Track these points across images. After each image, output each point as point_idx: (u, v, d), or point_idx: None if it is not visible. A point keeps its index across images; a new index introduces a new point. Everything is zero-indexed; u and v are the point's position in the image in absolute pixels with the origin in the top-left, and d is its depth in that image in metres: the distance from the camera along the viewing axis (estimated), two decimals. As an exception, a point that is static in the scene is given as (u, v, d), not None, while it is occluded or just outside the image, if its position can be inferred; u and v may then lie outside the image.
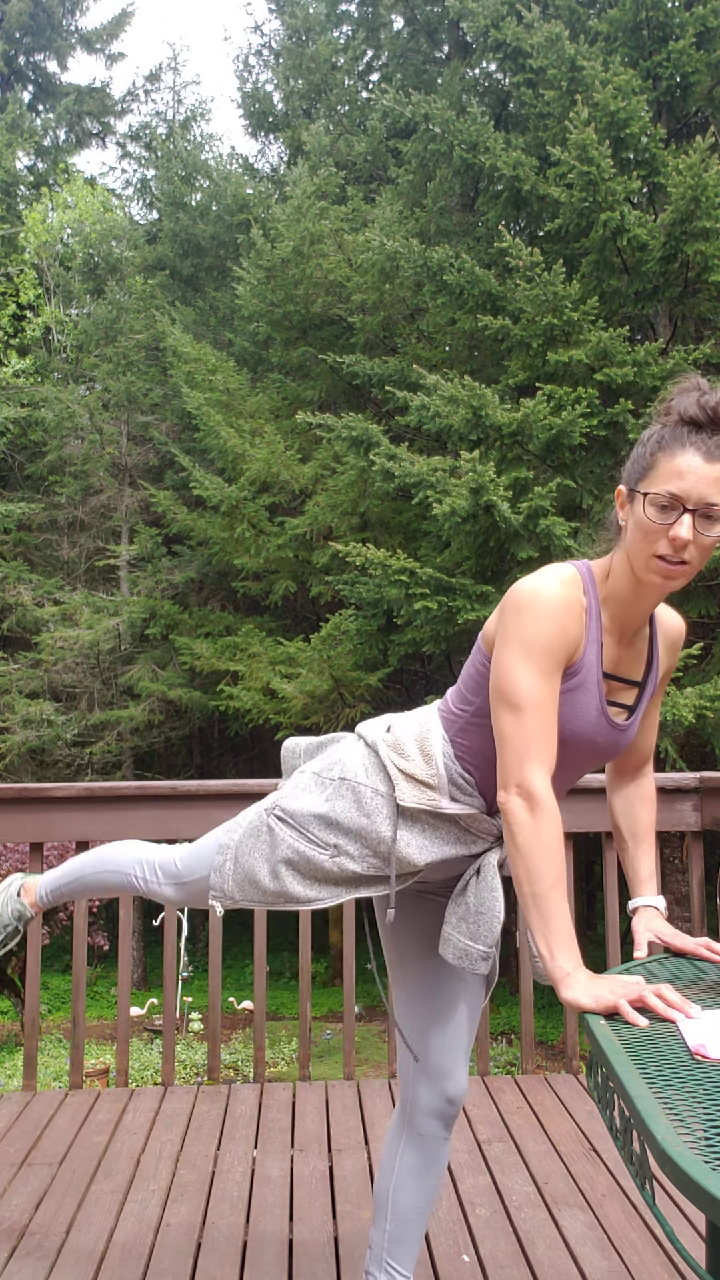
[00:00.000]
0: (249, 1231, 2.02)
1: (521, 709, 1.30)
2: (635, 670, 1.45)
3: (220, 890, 1.55)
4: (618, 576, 1.38)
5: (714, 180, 7.28)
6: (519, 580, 1.38)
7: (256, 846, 1.53)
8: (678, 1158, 0.80)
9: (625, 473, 1.35)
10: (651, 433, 1.32)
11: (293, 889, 1.50)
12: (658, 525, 1.27)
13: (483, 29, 9.07)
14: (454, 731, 1.49)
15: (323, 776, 1.55)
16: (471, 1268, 1.86)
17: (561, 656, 1.32)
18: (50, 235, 14.18)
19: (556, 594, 1.33)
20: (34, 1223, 2.06)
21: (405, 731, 1.54)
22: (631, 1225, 2.01)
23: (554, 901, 1.23)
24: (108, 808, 2.84)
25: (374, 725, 1.60)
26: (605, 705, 1.40)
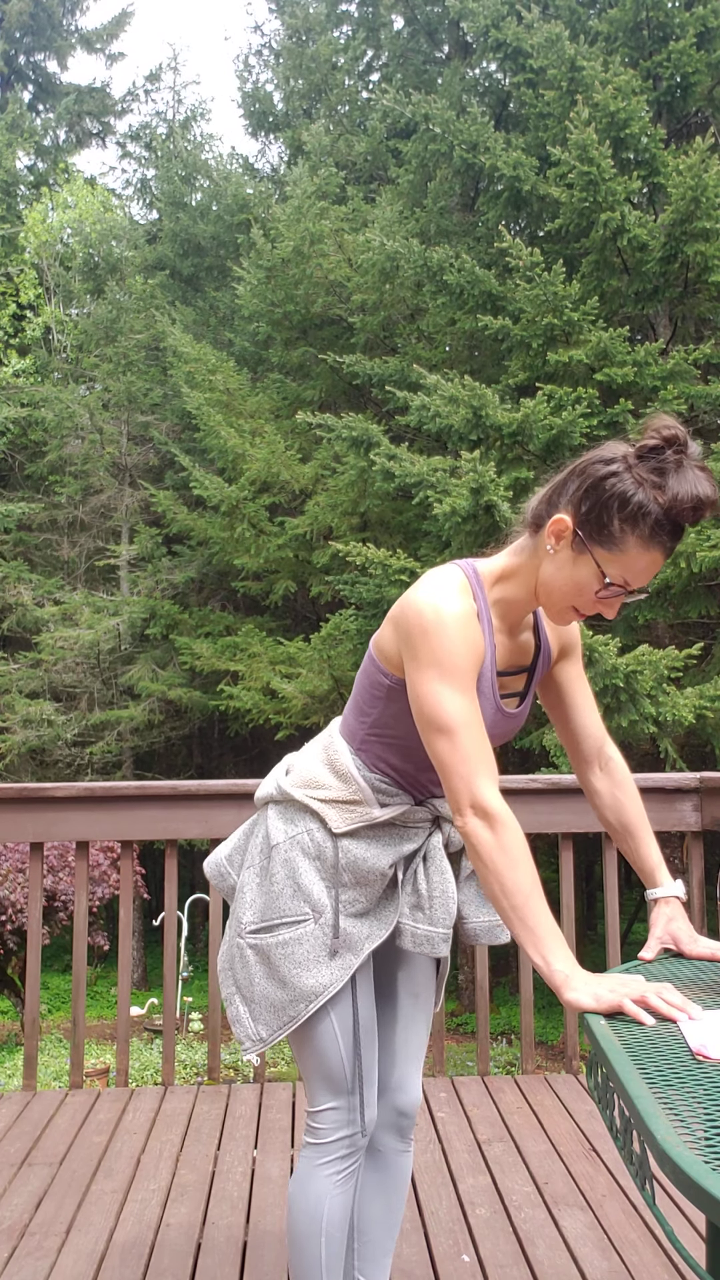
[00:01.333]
0: (249, 1231, 2.02)
1: (453, 731, 1.29)
2: (524, 657, 1.45)
3: (248, 1039, 1.47)
4: (517, 584, 1.37)
5: (714, 180, 7.28)
6: (411, 594, 1.35)
7: (251, 972, 1.47)
8: (678, 1158, 0.80)
9: (582, 513, 1.25)
10: (633, 496, 1.21)
11: (305, 982, 1.43)
12: (593, 596, 1.28)
13: (483, 29, 9.08)
14: (357, 744, 1.48)
15: (256, 866, 1.50)
16: (471, 1267, 1.86)
17: (474, 670, 1.32)
18: (50, 235, 14.18)
19: (459, 610, 1.31)
20: (34, 1222, 2.06)
21: (310, 762, 1.52)
22: (631, 1225, 2.01)
23: (534, 910, 1.22)
24: (108, 808, 2.84)
25: (268, 782, 1.57)
26: (500, 702, 1.41)
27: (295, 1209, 1.48)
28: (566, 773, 5.49)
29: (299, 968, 1.43)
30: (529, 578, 1.36)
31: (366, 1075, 1.47)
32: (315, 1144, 1.48)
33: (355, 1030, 1.46)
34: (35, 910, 2.86)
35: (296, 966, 1.43)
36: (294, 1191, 1.49)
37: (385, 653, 1.42)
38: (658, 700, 6.69)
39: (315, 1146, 1.47)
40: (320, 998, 1.42)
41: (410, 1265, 1.87)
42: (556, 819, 2.84)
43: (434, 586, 1.34)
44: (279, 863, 1.46)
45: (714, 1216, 0.75)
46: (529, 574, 1.36)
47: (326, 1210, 1.46)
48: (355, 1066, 1.46)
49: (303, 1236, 1.47)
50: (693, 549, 6.97)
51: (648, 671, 6.65)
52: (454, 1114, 2.60)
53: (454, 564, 1.40)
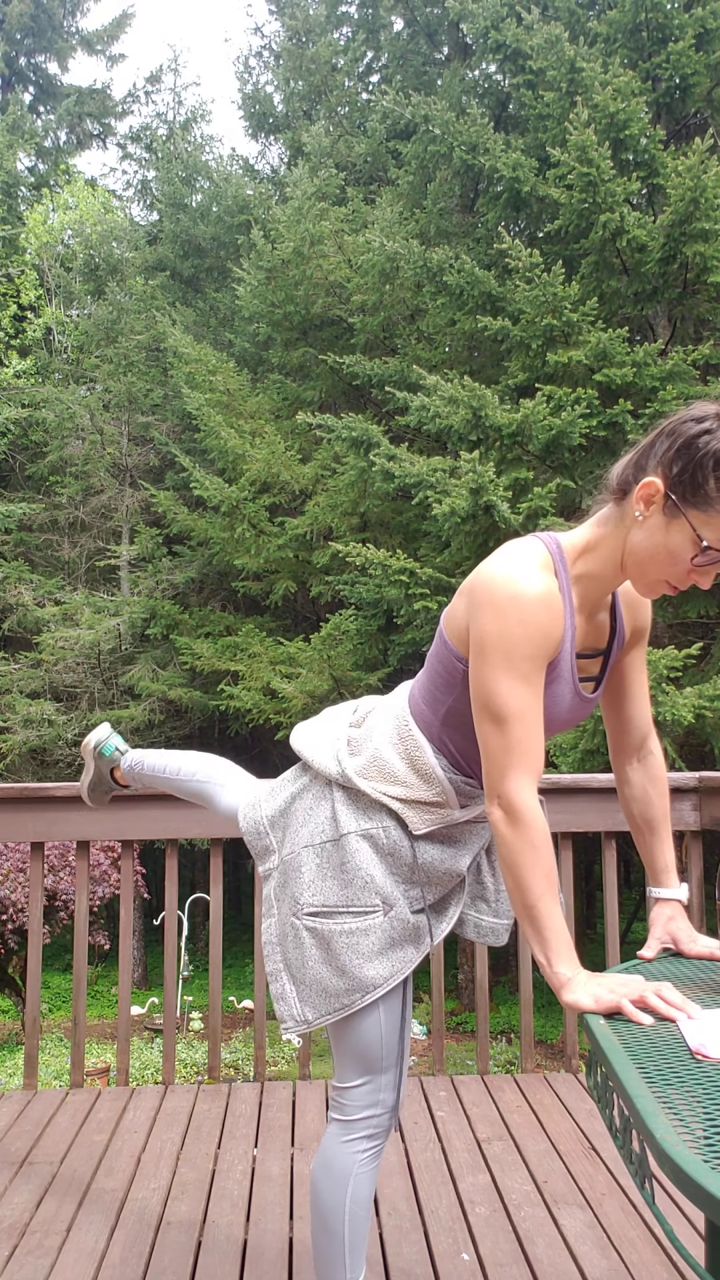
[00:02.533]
0: (249, 1230, 2.02)
1: (505, 721, 1.24)
2: (600, 639, 1.38)
3: (292, 1019, 1.43)
4: (602, 557, 1.28)
5: (713, 182, 7.29)
6: (489, 566, 1.27)
7: (305, 953, 1.42)
8: (677, 1157, 0.80)
9: (673, 474, 1.18)
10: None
11: (365, 973, 1.39)
12: (688, 565, 1.19)
13: (482, 30, 9.08)
14: (436, 738, 1.41)
15: (317, 846, 1.43)
16: (471, 1266, 1.87)
17: (544, 658, 1.25)
18: (51, 236, 14.19)
19: (536, 591, 1.23)
20: (35, 1221, 2.07)
21: (386, 751, 1.43)
22: (631, 1224, 2.01)
23: (545, 910, 1.22)
24: (108, 807, 2.85)
25: (323, 751, 1.48)
26: (579, 686, 1.35)
27: (319, 1186, 1.47)
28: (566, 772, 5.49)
29: (362, 959, 1.39)
30: (614, 551, 1.26)
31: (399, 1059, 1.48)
32: (342, 1120, 1.47)
33: (402, 1018, 1.46)
34: (36, 910, 2.86)
35: (359, 957, 1.39)
36: (318, 1167, 1.48)
37: (458, 631, 1.33)
38: (657, 700, 6.70)
39: (341, 1123, 1.47)
40: (379, 990, 1.40)
41: (410, 1264, 1.87)
42: (556, 819, 2.84)
43: (513, 559, 1.26)
44: (350, 851, 1.40)
45: (713, 1215, 0.76)
46: (614, 547, 1.26)
47: (351, 1187, 1.45)
48: (393, 1049, 1.46)
49: (327, 1213, 1.46)
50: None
51: (647, 671, 6.65)
52: (453, 1113, 2.61)
53: (536, 536, 1.31)
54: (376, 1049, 1.44)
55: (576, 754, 7.06)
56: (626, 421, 7.61)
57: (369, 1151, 1.47)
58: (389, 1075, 1.46)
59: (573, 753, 7.09)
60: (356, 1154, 1.46)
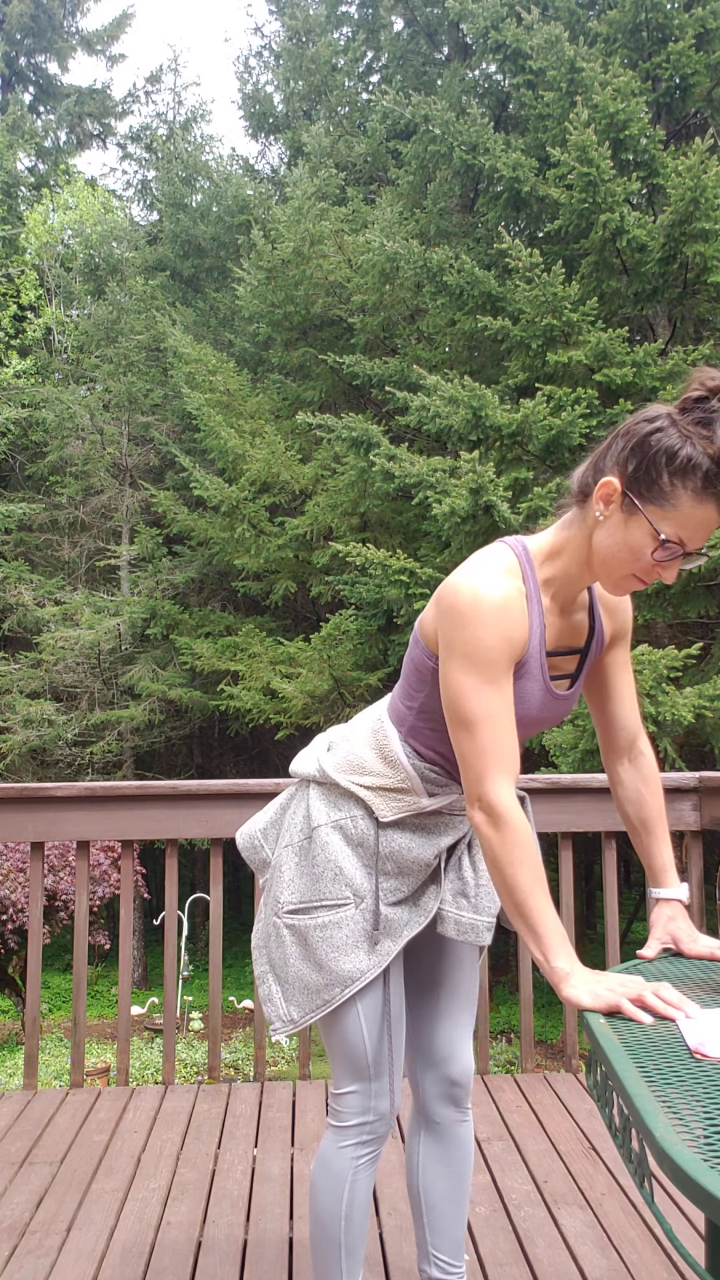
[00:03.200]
0: (249, 1230, 2.02)
1: (475, 724, 1.27)
2: (577, 638, 1.40)
3: (279, 1019, 1.45)
4: (569, 558, 1.31)
5: (713, 182, 7.29)
6: (455, 575, 1.31)
7: (286, 952, 1.45)
8: (676, 1156, 0.80)
9: (629, 471, 1.21)
10: (680, 449, 1.17)
11: (341, 967, 1.41)
12: (651, 560, 1.22)
13: (482, 30, 9.08)
14: (406, 729, 1.45)
15: (295, 845, 1.48)
16: (471, 1266, 1.87)
17: (509, 662, 1.28)
18: (51, 236, 14.19)
19: (497, 598, 1.26)
20: (35, 1221, 2.07)
21: (358, 745, 1.48)
22: (630, 1223, 2.01)
23: (536, 907, 1.22)
24: (108, 807, 2.85)
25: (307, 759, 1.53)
26: (550, 684, 1.37)
27: (317, 1189, 1.49)
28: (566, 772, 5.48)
29: (336, 952, 1.42)
30: (580, 551, 1.30)
31: (393, 1065, 1.47)
32: (336, 1126, 1.49)
33: (383, 1019, 1.46)
34: (36, 910, 2.86)
35: (334, 950, 1.42)
36: (316, 1171, 1.49)
37: (428, 634, 1.38)
38: (657, 700, 6.70)
39: (336, 1129, 1.49)
40: (356, 983, 1.42)
41: (410, 1264, 1.88)
42: (556, 818, 2.84)
43: (478, 568, 1.29)
44: (320, 844, 1.44)
45: (713, 1214, 0.76)
46: (580, 547, 1.30)
47: (347, 1192, 1.46)
48: (379, 1054, 1.46)
49: (325, 1216, 1.48)
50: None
51: (647, 671, 6.66)
52: (454, 1113, 2.61)
53: (503, 541, 1.34)
54: (361, 1051, 1.45)
55: (576, 754, 7.06)
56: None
57: (365, 1157, 1.48)
58: (381, 1082, 1.47)
59: (573, 753, 7.09)
60: (352, 1159, 1.47)
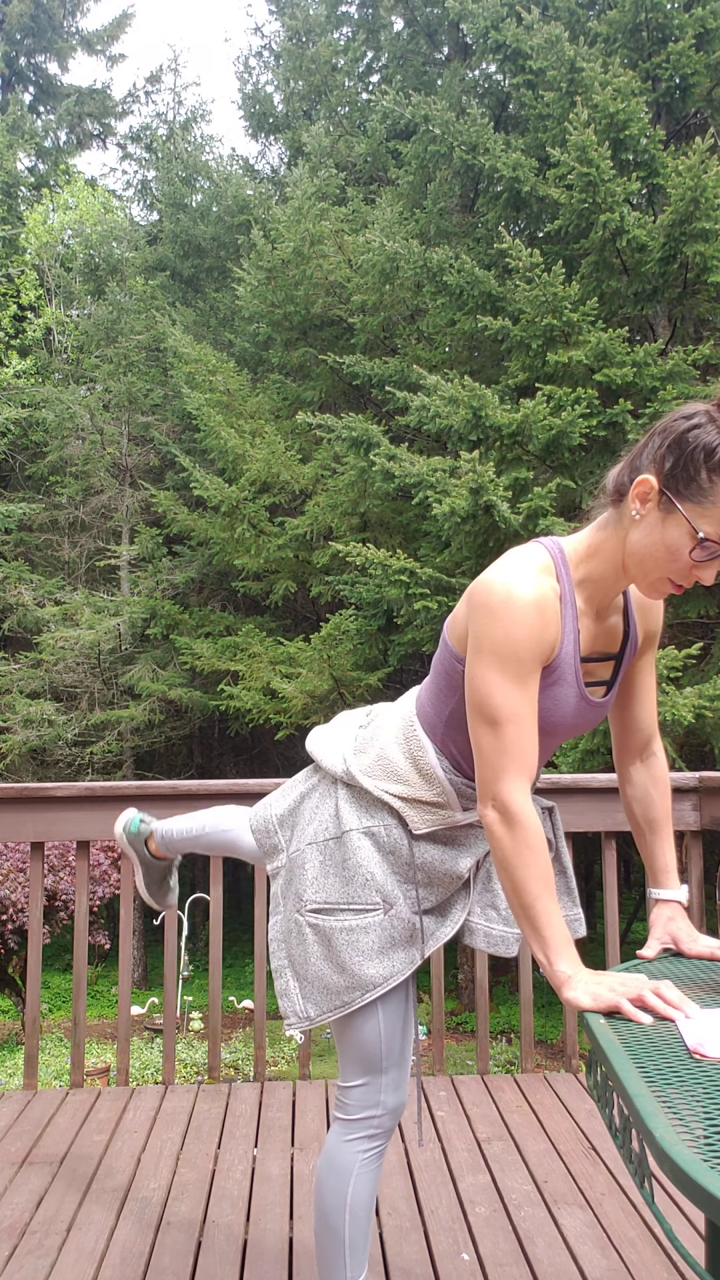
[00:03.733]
0: (249, 1230, 2.02)
1: (498, 723, 1.25)
2: (612, 644, 1.38)
3: (295, 1015, 1.44)
4: (604, 560, 1.29)
5: (713, 181, 7.29)
6: (488, 572, 1.29)
7: (307, 950, 1.43)
8: (676, 1156, 0.80)
9: (667, 469, 1.20)
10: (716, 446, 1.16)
11: (365, 971, 1.40)
12: (688, 560, 1.20)
13: (482, 30, 9.08)
14: (440, 740, 1.43)
15: (320, 844, 1.46)
16: (471, 1266, 1.87)
17: (538, 661, 1.26)
18: (51, 236, 14.19)
19: (530, 596, 1.24)
20: (35, 1221, 2.07)
21: (391, 750, 1.45)
22: (630, 1224, 2.01)
23: (543, 910, 1.22)
24: (108, 807, 2.85)
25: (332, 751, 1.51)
26: (584, 690, 1.35)
27: (323, 1184, 1.49)
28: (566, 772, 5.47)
29: (362, 956, 1.41)
30: (615, 553, 1.28)
31: (401, 1061, 1.48)
32: (343, 1119, 1.49)
33: (402, 1020, 1.47)
34: (36, 910, 2.86)
35: (359, 955, 1.41)
36: (321, 1166, 1.50)
37: (459, 636, 1.35)
38: (658, 700, 6.70)
39: (343, 1122, 1.49)
40: (379, 989, 1.41)
41: (410, 1264, 1.88)
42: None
43: (512, 565, 1.27)
44: (351, 848, 1.42)
45: (713, 1215, 0.76)
46: (615, 548, 1.28)
47: (353, 1186, 1.46)
48: (393, 1051, 1.47)
49: (329, 1211, 1.48)
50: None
51: (647, 672, 6.65)
52: (453, 1113, 2.61)
53: (538, 541, 1.32)
54: (376, 1049, 1.46)
55: (576, 754, 7.06)
56: (626, 421, 7.61)
57: (371, 1151, 1.48)
58: (390, 1076, 1.47)
59: (573, 753, 7.09)
60: (358, 1153, 1.48)
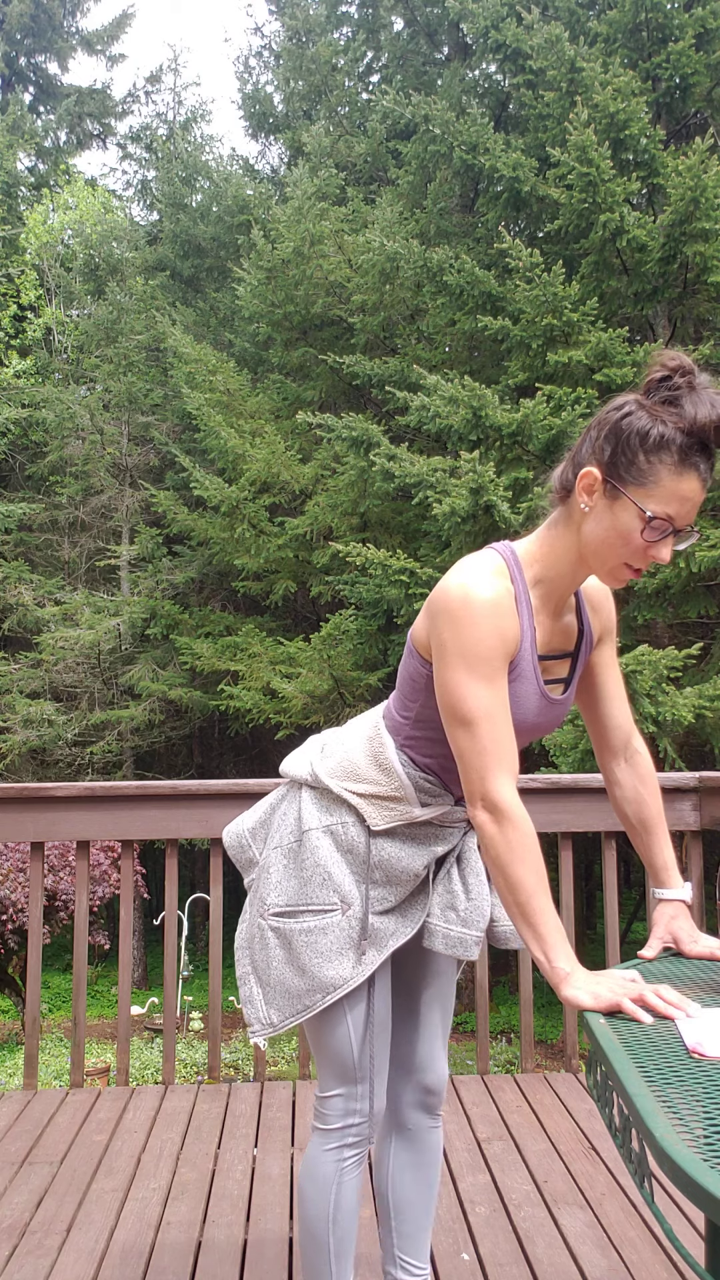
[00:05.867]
0: (249, 1230, 2.02)
1: (473, 723, 1.27)
2: (567, 641, 1.41)
3: (258, 1021, 1.45)
4: (557, 558, 1.32)
5: (713, 181, 7.29)
6: (444, 578, 1.32)
7: (270, 955, 1.44)
8: (676, 1156, 0.80)
9: (607, 458, 1.23)
10: (648, 429, 1.20)
11: (324, 973, 1.41)
12: (642, 542, 1.22)
13: (483, 30, 9.08)
14: (402, 739, 1.44)
15: (285, 847, 1.47)
16: (471, 1266, 1.87)
17: (503, 659, 1.28)
18: (51, 236, 14.19)
19: (488, 596, 1.27)
20: (35, 1221, 2.07)
21: (353, 750, 1.47)
22: (631, 1224, 2.01)
23: (539, 907, 1.22)
24: (108, 807, 2.85)
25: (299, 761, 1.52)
26: (543, 687, 1.37)
27: (305, 1194, 1.49)
28: (566, 772, 5.48)
29: (320, 958, 1.41)
30: (568, 550, 1.31)
31: (376, 1068, 1.48)
32: (322, 1129, 1.49)
33: (368, 1025, 1.46)
34: (36, 910, 2.86)
35: (318, 956, 1.41)
36: (302, 1175, 1.49)
37: (421, 641, 1.38)
38: (657, 700, 6.70)
39: (322, 1132, 1.49)
40: (338, 991, 1.41)
41: (410, 1264, 1.87)
42: (556, 819, 2.84)
43: (466, 570, 1.30)
44: (309, 849, 1.43)
45: (713, 1214, 0.76)
46: (567, 546, 1.30)
47: (334, 1195, 1.46)
48: (365, 1058, 1.46)
49: (312, 1221, 1.48)
50: (692, 549, 6.98)
51: (647, 671, 6.66)
52: (454, 1113, 2.61)
53: (491, 546, 1.36)
54: (349, 1056, 1.45)
55: (576, 754, 7.06)
56: (626, 421, 7.59)
57: (350, 1159, 1.48)
58: (365, 1085, 1.47)
59: (573, 753, 7.08)
60: (338, 1162, 1.48)
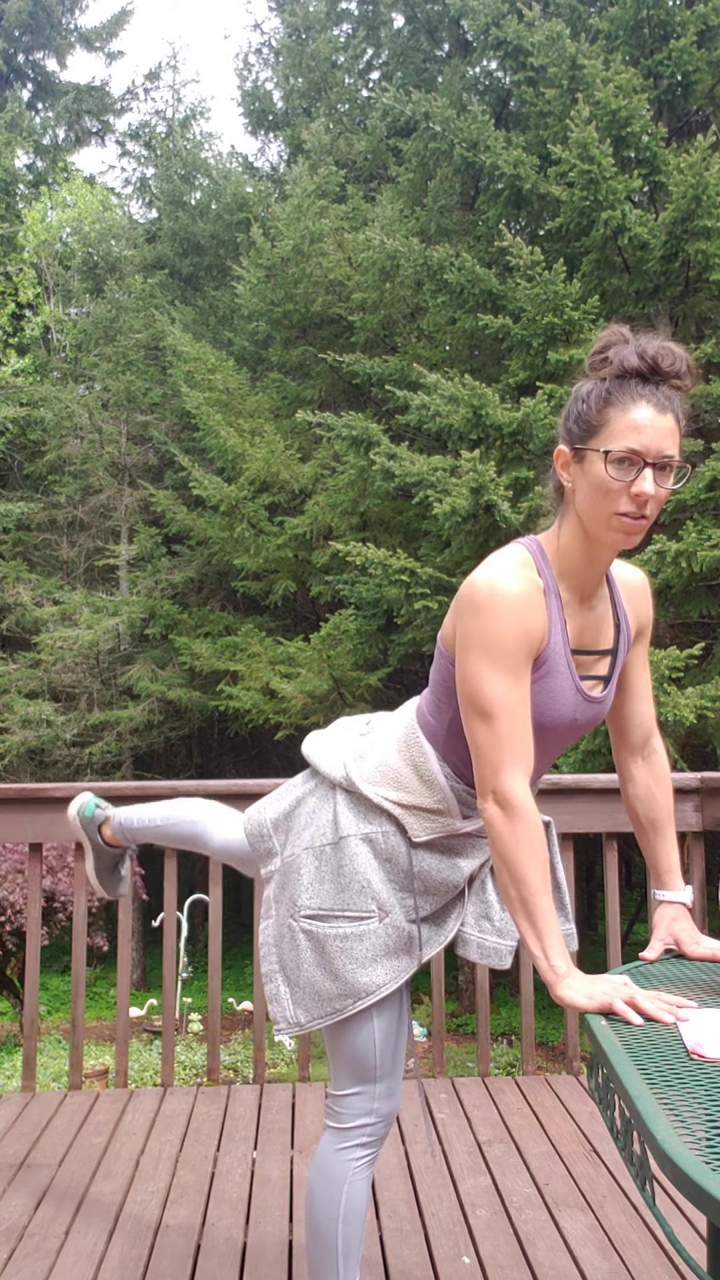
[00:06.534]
0: (248, 1233, 2.01)
1: (492, 716, 1.26)
2: (604, 638, 1.40)
3: (285, 1020, 1.44)
4: (570, 544, 1.34)
5: (715, 179, 7.28)
6: (471, 574, 1.33)
7: (300, 956, 1.43)
8: (678, 1158, 0.80)
9: (566, 433, 1.30)
10: (589, 389, 1.28)
11: (358, 979, 1.39)
12: (619, 482, 1.24)
13: (483, 27, 9.06)
14: (441, 746, 1.42)
15: (317, 849, 1.44)
16: (472, 1269, 1.86)
17: (526, 652, 1.28)
18: (49, 234, 14.18)
19: (513, 587, 1.28)
20: (33, 1224, 2.06)
21: (392, 758, 1.44)
22: (632, 1226, 2.00)
23: (541, 905, 1.22)
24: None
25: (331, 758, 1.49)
26: (579, 683, 1.35)
27: (315, 1193, 1.48)
28: (567, 773, 5.48)
29: (355, 964, 1.40)
30: (575, 533, 1.33)
31: (394, 1069, 1.47)
32: (336, 1128, 1.48)
33: (396, 1029, 1.46)
34: (34, 911, 2.85)
35: (353, 962, 1.40)
36: (313, 1175, 1.48)
37: (451, 641, 1.37)
38: (659, 700, 6.69)
39: (336, 1131, 1.48)
40: (371, 997, 1.40)
41: (410, 1267, 1.86)
42: (556, 819, 2.81)
43: (493, 564, 1.31)
44: (348, 855, 1.41)
45: (714, 1217, 0.75)
46: (574, 528, 1.33)
47: (345, 1195, 1.46)
48: (386, 1060, 1.46)
49: (321, 1220, 1.47)
50: (693, 548, 6.96)
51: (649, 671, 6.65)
52: (454, 1115, 2.60)
53: (518, 541, 1.37)
54: (370, 1058, 1.45)
55: (577, 754, 7.05)
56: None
57: (363, 1159, 1.48)
58: (383, 1085, 1.46)
59: (574, 753, 7.08)
60: (351, 1161, 1.47)
